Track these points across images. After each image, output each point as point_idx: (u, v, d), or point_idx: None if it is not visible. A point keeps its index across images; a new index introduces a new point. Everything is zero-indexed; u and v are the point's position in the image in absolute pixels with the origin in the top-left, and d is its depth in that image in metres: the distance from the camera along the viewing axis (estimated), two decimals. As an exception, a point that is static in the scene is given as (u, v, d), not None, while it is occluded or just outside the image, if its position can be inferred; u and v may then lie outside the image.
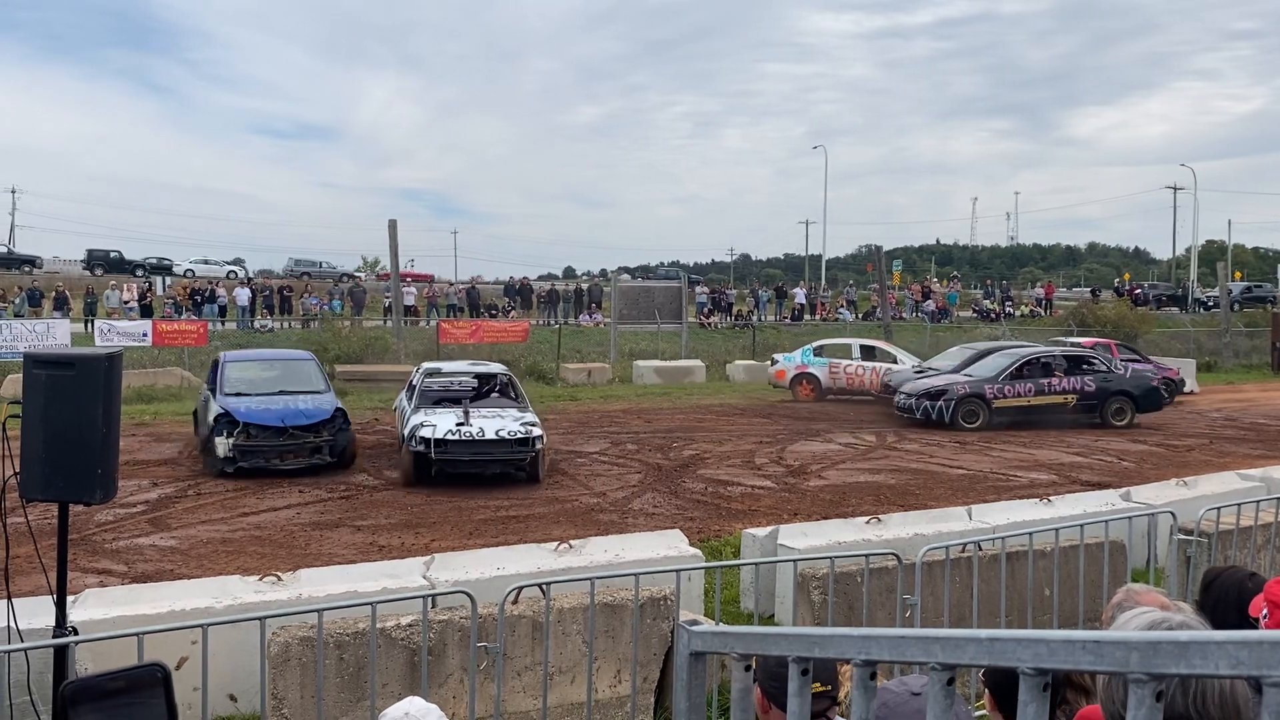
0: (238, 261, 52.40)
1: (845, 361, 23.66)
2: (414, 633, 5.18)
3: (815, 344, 24.89)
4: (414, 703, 2.75)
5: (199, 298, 33.57)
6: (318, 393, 14.63)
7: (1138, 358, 23.80)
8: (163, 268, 45.83)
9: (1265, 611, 2.22)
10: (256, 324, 32.38)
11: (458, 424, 12.57)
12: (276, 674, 4.97)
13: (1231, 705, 1.73)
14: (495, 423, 12.78)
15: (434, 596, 5.37)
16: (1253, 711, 1.66)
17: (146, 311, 31.37)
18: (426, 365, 16.04)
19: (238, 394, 14.06)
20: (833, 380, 23.50)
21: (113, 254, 46.47)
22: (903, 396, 19.69)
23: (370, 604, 4.83)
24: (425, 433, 12.42)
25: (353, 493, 12.45)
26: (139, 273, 43.28)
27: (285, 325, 33.03)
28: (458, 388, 15.32)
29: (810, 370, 23.71)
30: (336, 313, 33.13)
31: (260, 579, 6.17)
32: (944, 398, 19.03)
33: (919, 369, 22.02)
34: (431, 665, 5.19)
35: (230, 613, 5.28)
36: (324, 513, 11.36)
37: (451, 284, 42.30)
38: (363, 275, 52.36)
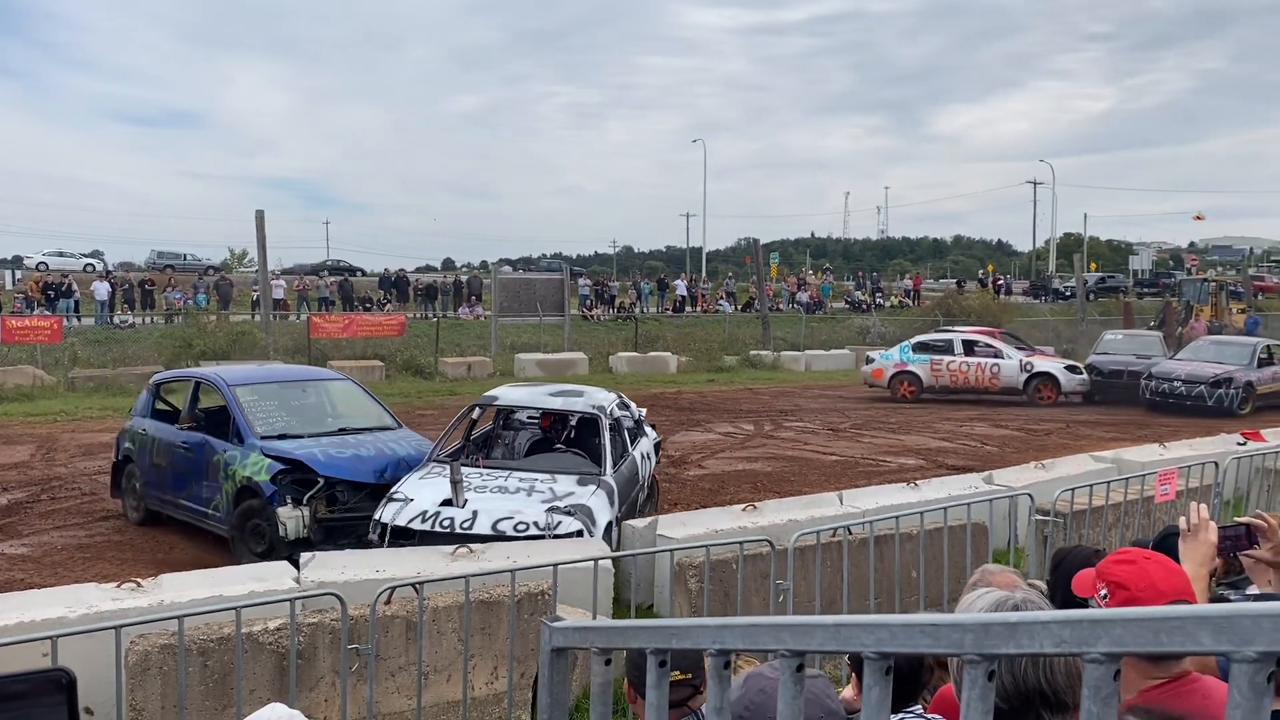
0: (96, 254, 50.01)
1: (948, 358, 22.59)
2: (283, 636, 5.04)
3: (913, 340, 23.73)
4: (276, 709, 2.65)
5: (52, 292, 31.89)
6: (387, 429, 10.24)
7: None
8: None
9: (1104, 592, 2.33)
10: (116, 319, 30.96)
11: (442, 503, 7.92)
12: (135, 684, 4.77)
13: (1075, 674, 1.82)
14: (506, 504, 7.97)
15: (303, 599, 5.23)
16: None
17: (-6, 307, 29.68)
18: (490, 392, 10.30)
19: (282, 436, 9.37)
20: (935, 378, 22.51)
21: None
22: (1180, 384, 20.08)
23: (235, 608, 4.68)
24: (387, 512, 7.93)
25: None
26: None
27: (147, 320, 31.68)
28: (519, 430, 10.60)
29: (910, 368, 22.64)
30: (201, 307, 31.94)
31: (119, 586, 5.90)
32: (1231, 385, 19.66)
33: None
34: (302, 669, 5.06)
35: (85, 622, 5.03)
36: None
37: (323, 276, 41.23)
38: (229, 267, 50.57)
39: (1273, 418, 17.31)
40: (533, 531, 7.63)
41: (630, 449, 9.74)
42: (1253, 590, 2.99)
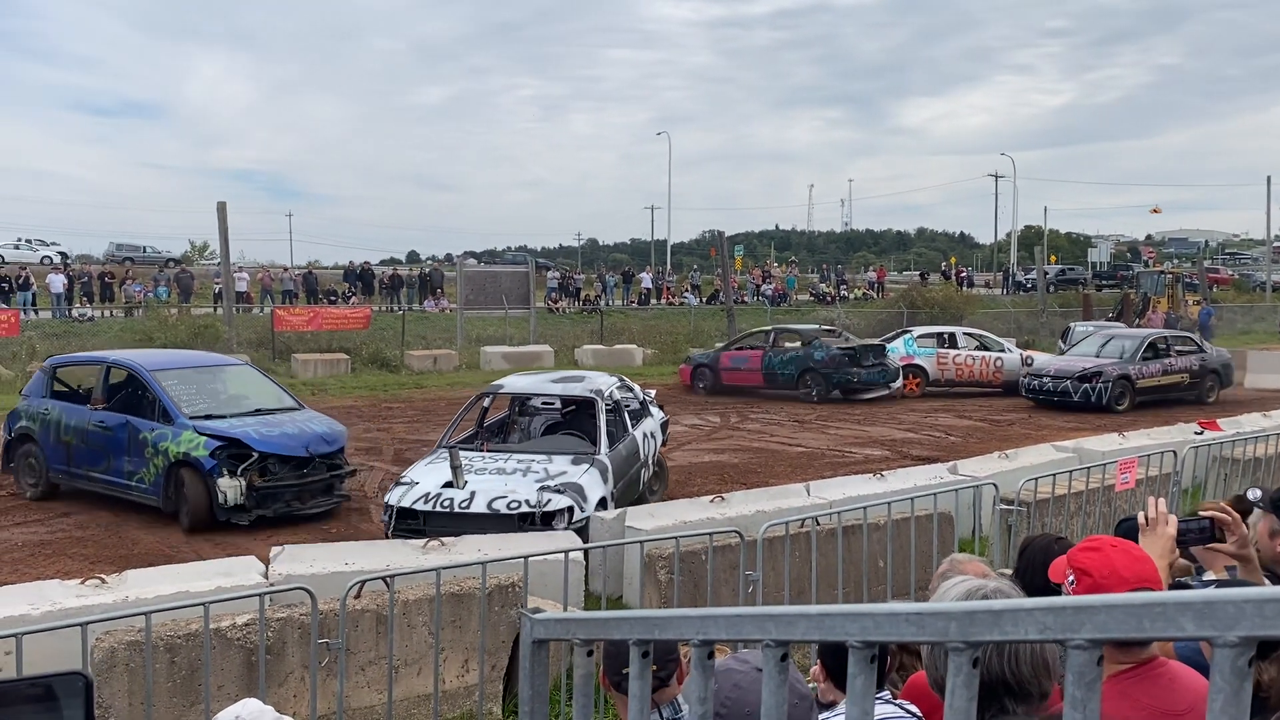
0: (53, 246, 49.07)
1: (954, 351, 22.15)
2: (251, 632, 5.00)
3: (916, 334, 23.07)
4: (247, 705, 2.64)
5: (8, 285, 31.30)
6: (293, 409, 11.33)
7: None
8: None
9: (1072, 578, 2.36)
10: (75, 313, 30.45)
11: (443, 485, 8.55)
12: (101, 682, 4.71)
13: (1041, 664, 1.85)
14: (502, 484, 8.59)
15: (272, 594, 5.18)
16: (1060, 668, 1.79)
17: (-52, 300, 29.08)
18: (497, 381, 11.31)
19: (208, 416, 10.39)
20: (941, 371, 21.91)
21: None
22: (1048, 379, 19.55)
23: (203, 604, 4.63)
24: (394, 495, 8.63)
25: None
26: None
27: (107, 314, 31.20)
28: (533, 415, 11.38)
29: (917, 361, 21.88)
30: (163, 300, 31.48)
31: (82, 582, 5.84)
32: (1100, 379, 18.97)
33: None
34: (271, 664, 5.02)
35: (49, 619, 4.97)
36: (153, 509, 10.80)
37: (286, 269, 40.78)
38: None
39: (1165, 414, 17.09)
40: (524, 509, 8.27)
41: (631, 429, 10.35)
42: (1209, 577, 3.05)
